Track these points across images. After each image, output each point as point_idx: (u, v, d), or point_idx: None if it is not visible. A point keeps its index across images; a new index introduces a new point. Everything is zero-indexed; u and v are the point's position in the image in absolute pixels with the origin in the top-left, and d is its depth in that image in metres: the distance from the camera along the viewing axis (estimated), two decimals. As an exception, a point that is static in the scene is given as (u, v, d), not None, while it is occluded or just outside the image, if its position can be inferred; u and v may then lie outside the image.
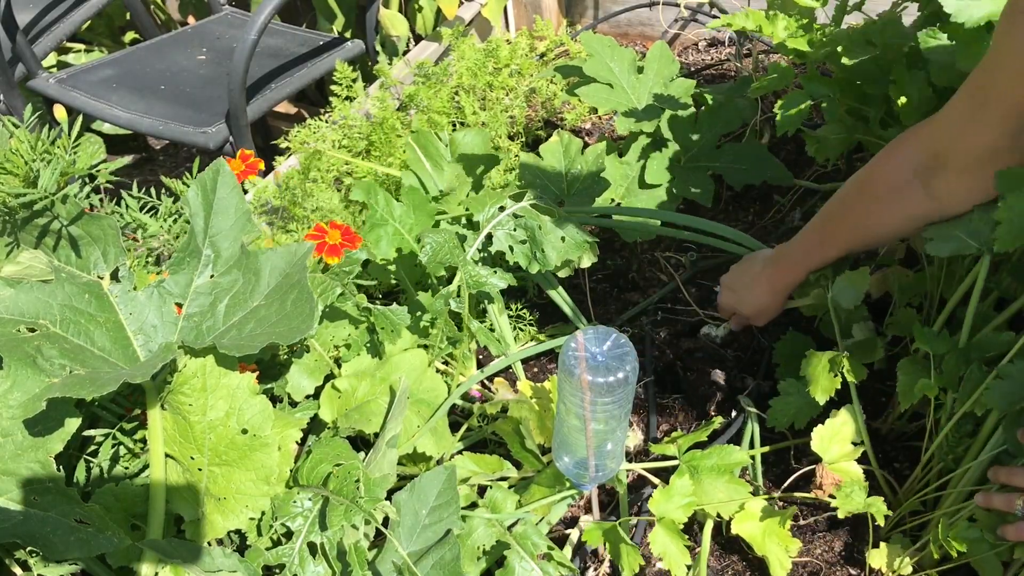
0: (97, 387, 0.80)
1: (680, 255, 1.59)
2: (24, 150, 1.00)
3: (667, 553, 1.04)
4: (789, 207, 1.63)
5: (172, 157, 2.66)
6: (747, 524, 1.08)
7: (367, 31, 2.10)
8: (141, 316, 1.00)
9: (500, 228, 1.30)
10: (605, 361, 0.91)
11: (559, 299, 1.42)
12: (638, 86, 1.64)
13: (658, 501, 1.07)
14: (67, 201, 1.00)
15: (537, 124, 1.91)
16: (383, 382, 1.14)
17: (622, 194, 1.57)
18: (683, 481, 1.08)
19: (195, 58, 2.12)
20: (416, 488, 1.00)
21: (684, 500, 1.06)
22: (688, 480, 1.08)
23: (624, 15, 2.29)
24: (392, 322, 1.19)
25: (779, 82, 1.36)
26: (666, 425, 1.33)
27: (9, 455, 0.85)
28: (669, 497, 1.07)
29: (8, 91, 2.00)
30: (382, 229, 1.30)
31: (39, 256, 0.97)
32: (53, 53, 2.33)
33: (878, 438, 1.24)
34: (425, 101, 1.69)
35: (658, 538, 1.05)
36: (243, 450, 0.91)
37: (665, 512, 1.05)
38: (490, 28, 2.25)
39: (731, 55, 2.12)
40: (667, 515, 1.05)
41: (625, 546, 1.05)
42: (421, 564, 0.93)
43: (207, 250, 1.03)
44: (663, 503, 1.06)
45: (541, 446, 1.16)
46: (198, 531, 0.92)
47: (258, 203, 1.50)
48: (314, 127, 1.59)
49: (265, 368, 1.14)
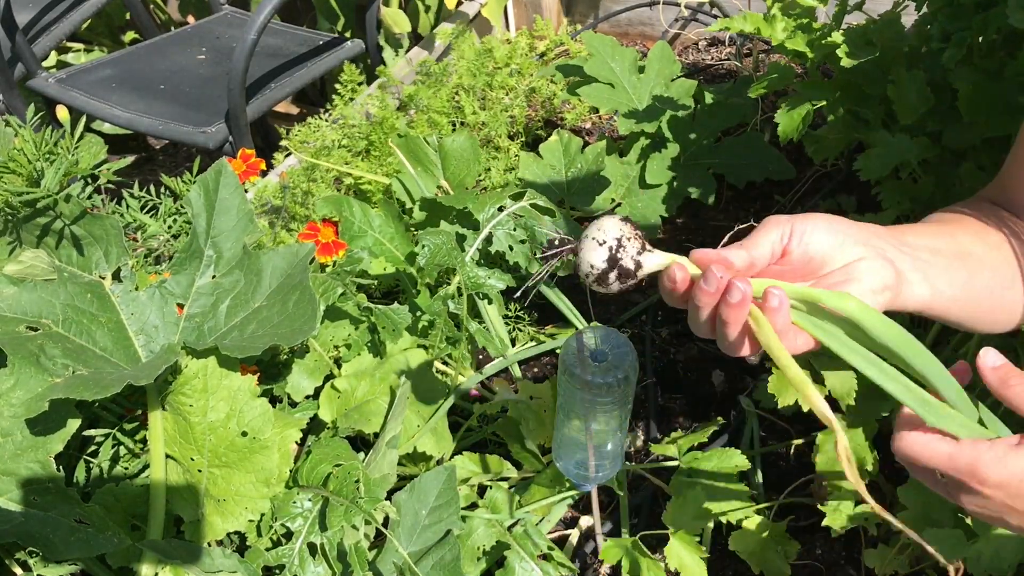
0: (101, 388, 0.80)
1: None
2: (28, 150, 1.00)
3: (684, 566, 1.03)
4: (790, 207, 1.63)
5: (172, 157, 2.66)
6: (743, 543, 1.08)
7: (367, 30, 2.10)
8: (143, 316, 1.00)
9: (500, 228, 1.30)
10: (605, 361, 0.91)
11: (555, 298, 1.42)
12: (639, 86, 1.64)
13: (672, 512, 1.05)
14: (70, 201, 1.00)
15: (537, 124, 1.91)
16: (383, 382, 1.13)
17: (622, 194, 1.57)
18: (696, 493, 1.07)
19: (195, 58, 2.12)
20: (416, 488, 1.01)
21: (699, 512, 1.05)
22: (701, 492, 1.07)
23: (624, 15, 2.29)
24: (393, 322, 1.18)
25: (779, 82, 1.36)
26: (666, 425, 1.34)
27: (9, 455, 0.85)
28: (683, 508, 1.06)
29: (8, 91, 2.00)
30: (361, 240, 1.29)
31: (41, 255, 0.97)
32: (53, 53, 2.33)
33: (878, 438, 1.24)
34: (425, 101, 1.69)
35: (674, 551, 1.04)
36: (243, 452, 0.91)
37: (680, 524, 1.04)
38: (490, 28, 2.25)
39: (731, 55, 2.12)
40: (683, 527, 1.04)
41: (646, 560, 1.03)
42: (421, 564, 0.94)
43: (209, 251, 1.03)
44: (678, 515, 1.05)
45: (541, 446, 1.16)
46: (198, 532, 0.92)
47: (259, 202, 1.50)
48: (314, 126, 1.59)
49: (266, 368, 1.14)
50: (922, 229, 0.75)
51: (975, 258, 0.74)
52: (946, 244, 0.73)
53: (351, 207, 1.29)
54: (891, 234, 0.70)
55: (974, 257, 0.74)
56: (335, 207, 1.28)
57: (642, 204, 1.55)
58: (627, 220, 0.66)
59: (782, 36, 1.27)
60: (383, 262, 1.29)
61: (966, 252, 0.74)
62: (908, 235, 0.72)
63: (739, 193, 1.67)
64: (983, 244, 0.75)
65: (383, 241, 1.30)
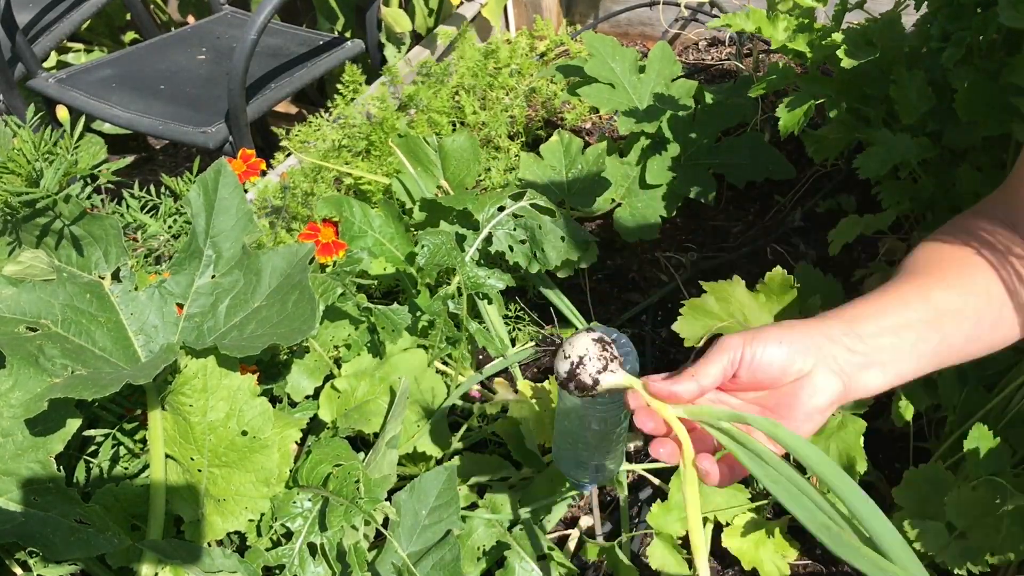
0: (99, 388, 0.80)
1: (680, 255, 1.59)
2: (28, 150, 1.00)
3: (665, 566, 1.05)
4: (790, 207, 1.63)
5: (172, 157, 2.66)
6: (735, 540, 1.09)
7: (367, 30, 2.10)
8: (142, 316, 1.00)
9: (500, 228, 1.30)
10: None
11: (555, 299, 1.42)
12: (639, 86, 1.64)
13: (657, 515, 1.07)
14: (69, 201, 1.00)
15: (537, 124, 1.91)
16: (383, 382, 1.13)
17: (623, 194, 1.57)
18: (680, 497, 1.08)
19: (195, 58, 2.12)
20: (416, 488, 1.01)
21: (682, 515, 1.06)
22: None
23: (624, 15, 2.29)
24: (393, 322, 1.18)
25: (779, 82, 1.36)
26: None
27: (9, 455, 0.85)
28: (668, 511, 1.07)
29: (8, 91, 2.00)
30: (361, 241, 1.29)
31: (40, 256, 0.97)
32: (53, 53, 2.33)
33: (878, 438, 1.24)
34: (425, 101, 1.69)
35: (656, 552, 1.06)
36: (243, 452, 0.91)
37: (663, 527, 1.06)
38: (490, 28, 2.25)
39: (731, 55, 2.12)
40: (665, 529, 1.06)
41: (624, 565, 1.06)
42: (421, 565, 0.94)
43: (208, 250, 1.03)
44: (662, 517, 1.07)
45: (541, 446, 1.16)
46: (198, 532, 0.92)
47: (259, 203, 1.50)
48: (315, 126, 1.59)
49: (265, 368, 1.14)
50: (887, 304, 0.76)
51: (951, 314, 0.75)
52: (917, 313, 0.74)
53: (351, 207, 1.29)
54: (846, 330, 0.72)
55: (950, 314, 0.75)
56: (335, 207, 1.28)
57: (642, 204, 1.55)
58: (599, 340, 0.74)
59: (783, 36, 1.27)
60: (383, 262, 1.29)
61: (941, 312, 0.75)
62: (867, 324, 0.73)
63: (739, 193, 1.67)
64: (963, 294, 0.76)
65: (383, 241, 1.30)
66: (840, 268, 1.51)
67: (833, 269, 1.49)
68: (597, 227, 1.68)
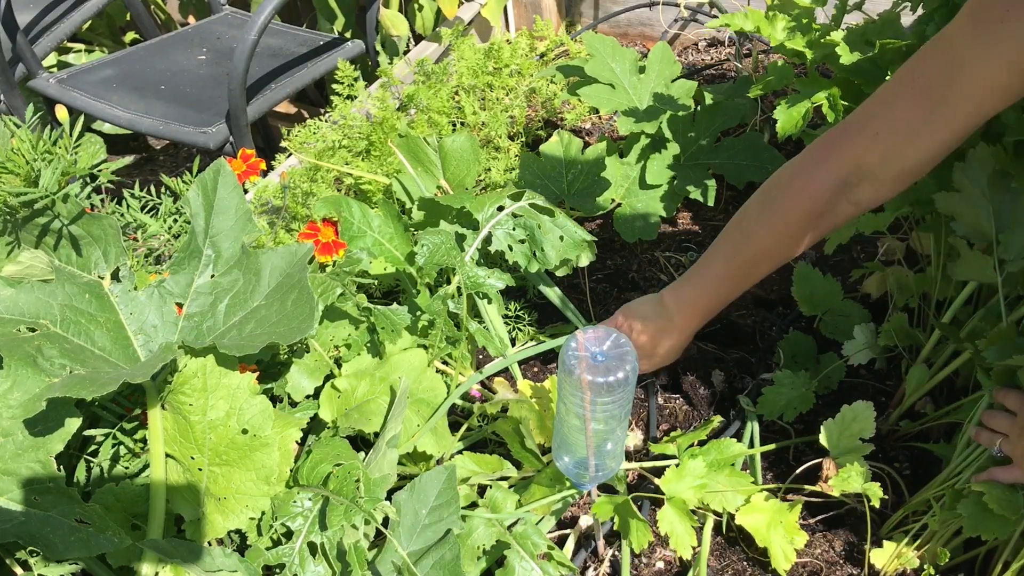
0: (98, 387, 0.80)
1: (680, 255, 1.59)
2: (26, 150, 1.00)
3: (674, 532, 1.04)
4: (789, 207, 1.63)
5: (172, 157, 2.66)
6: (751, 516, 1.08)
7: (367, 31, 2.11)
8: (141, 316, 1.00)
9: (499, 227, 1.30)
10: (605, 361, 0.91)
11: (555, 298, 1.42)
12: (639, 86, 1.64)
13: (670, 480, 1.06)
14: (68, 201, 1.00)
15: (537, 124, 1.91)
16: (383, 382, 1.13)
17: (623, 194, 1.57)
18: (696, 463, 1.08)
19: (195, 58, 2.12)
20: (416, 488, 1.01)
21: (696, 481, 1.06)
22: (702, 462, 1.08)
23: (624, 15, 2.30)
24: (392, 322, 1.18)
25: (778, 82, 1.36)
26: (666, 425, 1.34)
27: (10, 455, 0.85)
28: (681, 477, 1.07)
29: (8, 91, 2.00)
30: (361, 240, 1.29)
31: (40, 256, 0.97)
32: (53, 53, 2.33)
33: (878, 438, 1.24)
34: (425, 101, 1.69)
35: (667, 516, 1.05)
36: (243, 450, 0.91)
37: (676, 491, 1.05)
38: (490, 28, 2.25)
39: (731, 55, 2.13)
40: (678, 494, 1.05)
41: (636, 521, 1.04)
42: (421, 564, 0.94)
43: (208, 250, 1.03)
44: (675, 482, 1.06)
45: (541, 446, 1.16)
46: (198, 531, 0.92)
47: (259, 202, 1.50)
48: (314, 127, 1.59)
49: (265, 368, 1.14)
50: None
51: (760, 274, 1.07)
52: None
53: (350, 207, 1.29)
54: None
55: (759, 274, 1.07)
56: (335, 207, 1.28)
57: (642, 204, 1.56)
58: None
59: (782, 36, 1.27)
60: (383, 262, 1.29)
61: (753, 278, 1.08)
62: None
63: (739, 193, 1.67)
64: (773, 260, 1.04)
65: (383, 241, 1.30)
66: (839, 268, 1.51)
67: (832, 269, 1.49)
68: (597, 227, 1.68)
